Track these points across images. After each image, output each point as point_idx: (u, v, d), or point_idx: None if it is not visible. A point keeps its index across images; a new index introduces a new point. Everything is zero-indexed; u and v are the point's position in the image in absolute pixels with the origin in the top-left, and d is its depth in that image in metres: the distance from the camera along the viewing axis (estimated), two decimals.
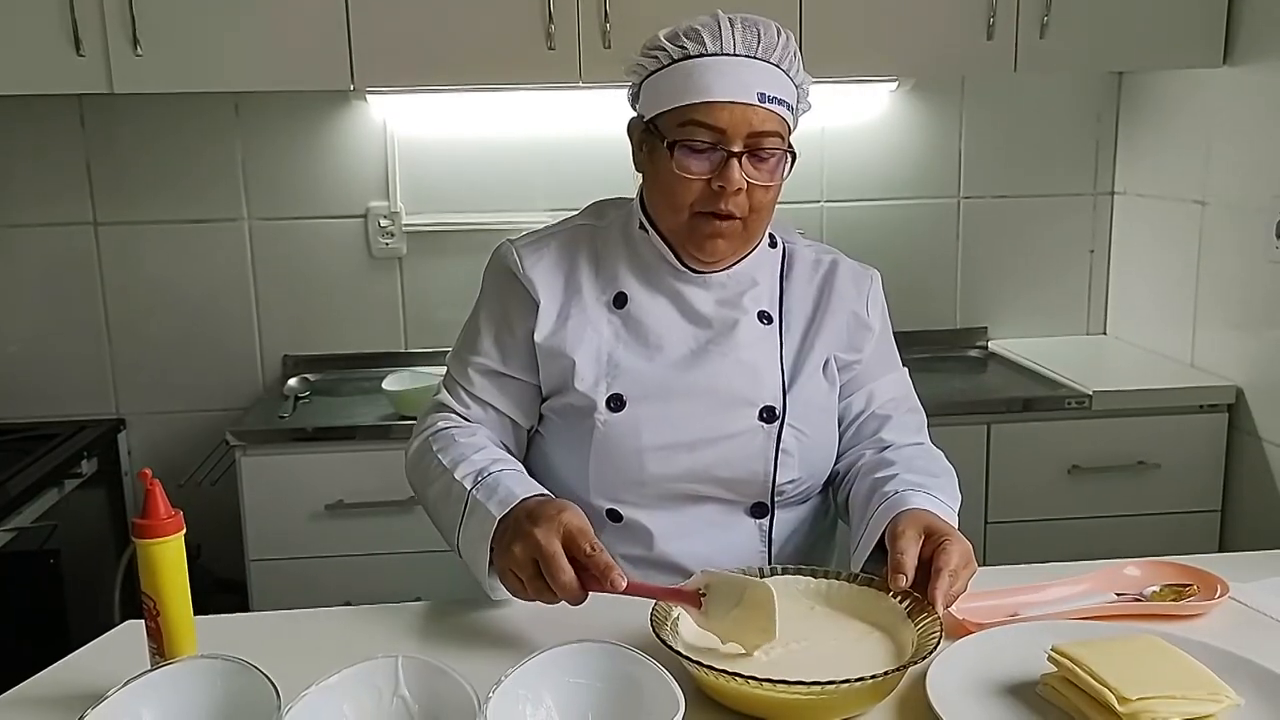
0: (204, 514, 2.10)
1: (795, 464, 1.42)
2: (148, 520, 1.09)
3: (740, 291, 1.44)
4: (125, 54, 2.24)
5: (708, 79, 1.32)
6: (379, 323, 2.82)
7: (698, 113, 1.32)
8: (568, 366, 1.41)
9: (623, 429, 1.39)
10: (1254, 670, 1.10)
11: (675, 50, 1.34)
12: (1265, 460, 2.41)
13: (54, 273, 2.70)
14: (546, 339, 1.42)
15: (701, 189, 1.34)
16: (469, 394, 1.47)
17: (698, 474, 1.41)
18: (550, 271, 1.45)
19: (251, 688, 1.00)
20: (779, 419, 1.41)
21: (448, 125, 2.75)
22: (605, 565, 1.17)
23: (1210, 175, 2.56)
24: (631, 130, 1.43)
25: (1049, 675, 1.09)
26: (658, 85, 1.36)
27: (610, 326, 1.43)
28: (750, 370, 1.41)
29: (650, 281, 1.44)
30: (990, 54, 2.45)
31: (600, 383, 1.40)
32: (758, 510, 1.43)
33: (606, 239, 1.48)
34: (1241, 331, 2.47)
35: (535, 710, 1.01)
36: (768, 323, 1.44)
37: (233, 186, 2.72)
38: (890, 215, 2.90)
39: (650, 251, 1.44)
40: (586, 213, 1.53)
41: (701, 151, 1.32)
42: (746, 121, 1.32)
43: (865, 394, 1.51)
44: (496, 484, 1.30)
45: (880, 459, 1.44)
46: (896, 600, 1.20)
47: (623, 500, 1.42)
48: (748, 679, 1.02)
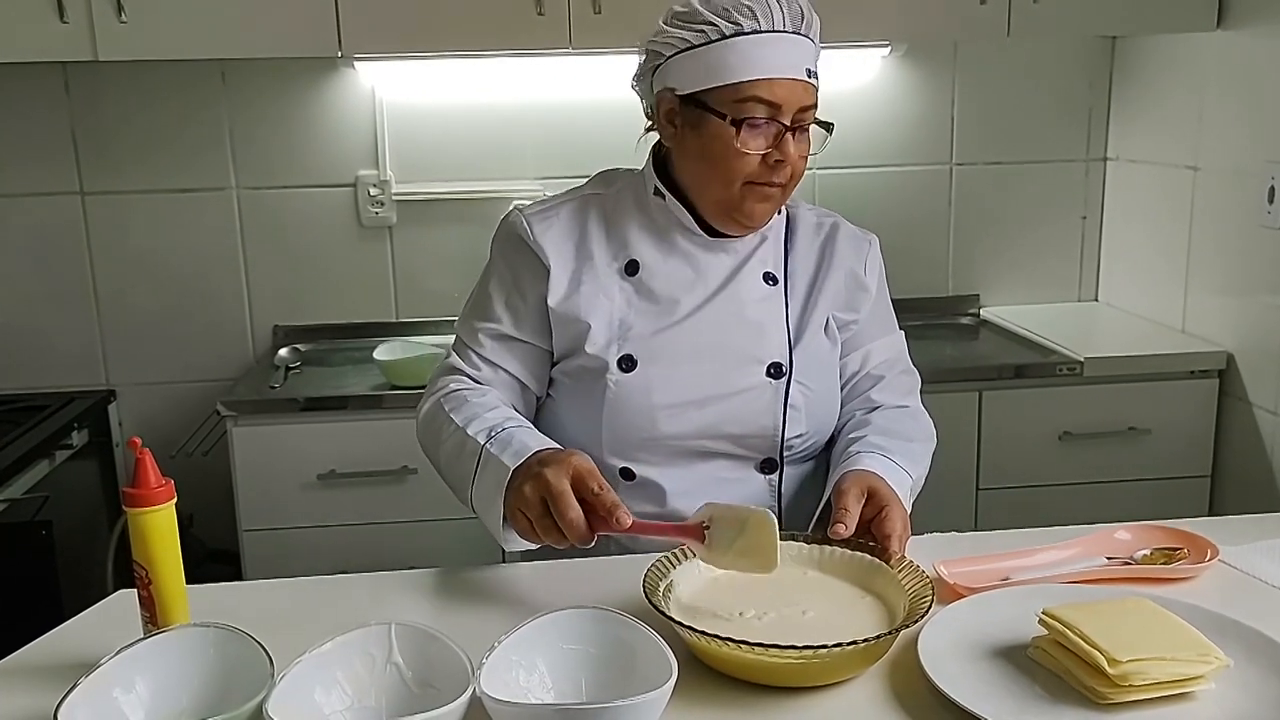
0: (196, 484, 2.10)
1: (803, 419, 1.46)
2: (138, 489, 1.09)
3: (748, 254, 1.48)
4: (110, 21, 2.22)
5: (767, 55, 1.36)
6: (369, 292, 2.81)
7: (758, 89, 1.36)
8: (582, 330, 1.44)
9: (634, 388, 1.42)
10: (1243, 632, 1.11)
11: (727, 26, 1.36)
12: (1255, 425, 2.42)
13: (41, 243, 2.68)
14: (560, 303, 1.45)
15: (757, 162, 1.38)
16: (480, 357, 1.48)
17: (709, 430, 1.44)
18: (561, 238, 1.47)
19: (244, 655, 1.01)
20: (786, 375, 1.44)
21: (437, 92, 2.72)
22: (611, 504, 1.19)
23: (1202, 141, 2.55)
24: (660, 103, 1.44)
25: (1039, 638, 1.09)
26: (704, 60, 1.38)
27: (622, 293, 1.46)
28: (757, 328, 1.45)
29: (663, 246, 1.47)
30: (983, 19, 2.43)
31: (612, 345, 1.43)
32: (767, 466, 1.47)
33: (617, 205, 1.50)
34: (1233, 297, 2.48)
35: (529, 676, 1.02)
36: (773, 284, 1.48)
37: (220, 155, 2.70)
38: (882, 182, 2.89)
39: (665, 217, 1.48)
40: (594, 181, 1.56)
41: (760, 126, 1.37)
42: (798, 97, 1.38)
43: (861, 355, 1.55)
44: (510, 438, 1.32)
45: (861, 419, 1.50)
46: (887, 563, 1.21)
47: (635, 459, 1.44)
48: (740, 644, 1.03)
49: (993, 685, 1.05)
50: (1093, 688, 1.01)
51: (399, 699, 1.01)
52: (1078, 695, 1.03)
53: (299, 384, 2.47)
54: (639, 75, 1.48)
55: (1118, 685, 1.00)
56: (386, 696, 1.01)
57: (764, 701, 1.05)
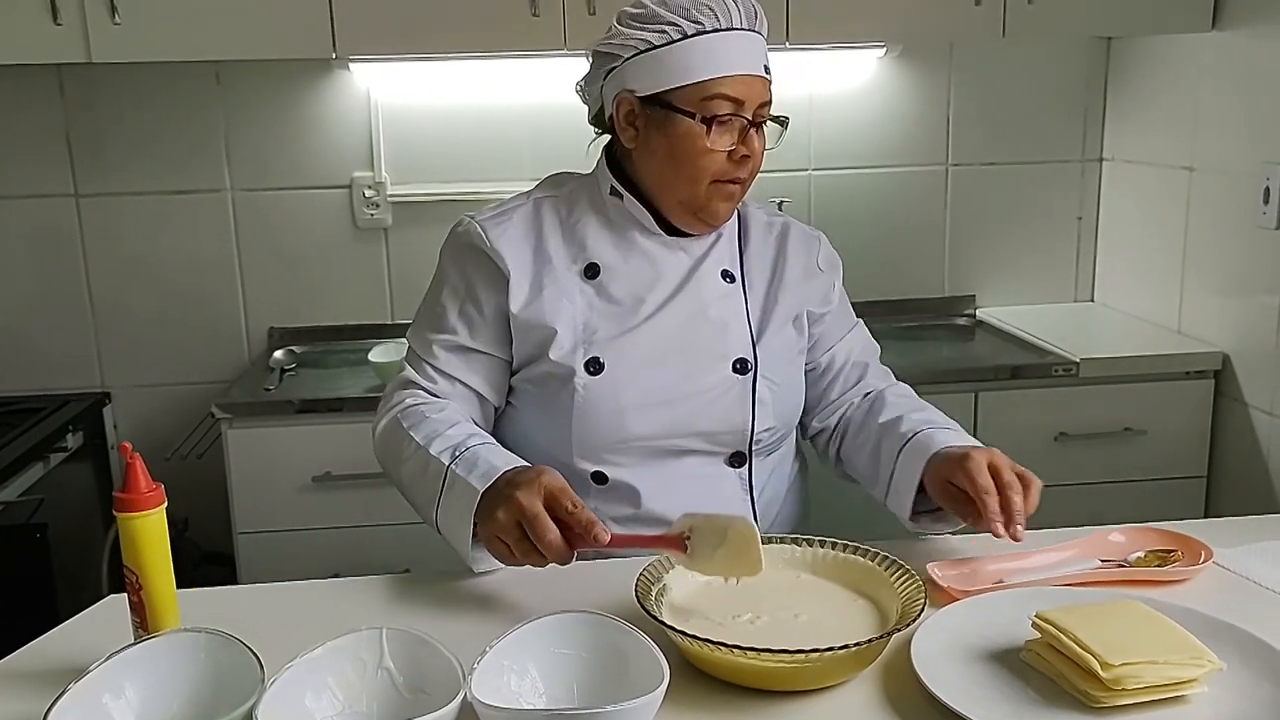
0: (190, 487, 2.10)
1: (770, 413, 1.47)
2: (128, 494, 1.08)
3: (704, 252, 1.50)
4: (103, 22, 2.21)
5: (728, 53, 1.38)
6: (365, 294, 2.80)
7: (723, 86, 1.37)
8: (548, 336, 1.43)
9: (602, 391, 1.41)
10: (1237, 635, 1.11)
11: (689, 25, 1.37)
12: (1251, 426, 2.42)
13: (35, 245, 2.68)
14: (523, 309, 1.44)
15: (723, 159, 1.40)
16: (435, 369, 1.47)
17: (679, 429, 1.44)
18: (517, 243, 1.46)
19: (235, 660, 1.00)
20: (752, 370, 1.45)
21: (432, 94, 2.72)
22: (588, 521, 1.18)
23: (1198, 141, 2.55)
24: (619, 104, 1.43)
25: (1033, 641, 1.09)
26: (667, 59, 1.38)
27: (583, 295, 1.45)
28: (720, 325, 1.46)
29: (622, 246, 1.48)
30: (978, 20, 2.43)
31: (578, 349, 1.42)
32: (736, 460, 1.48)
33: (571, 207, 1.51)
34: (1228, 298, 2.48)
35: (520, 681, 1.02)
36: (730, 281, 1.50)
37: (215, 157, 2.69)
38: (878, 183, 2.89)
39: (623, 217, 1.48)
40: (544, 185, 1.56)
41: (725, 123, 1.38)
42: (758, 92, 1.40)
43: (843, 346, 1.59)
44: (475, 458, 1.30)
45: (873, 404, 1.54)
46: (880, 566, 1.20)
47: (607, 461, 1.44)
48: (733, 648, 1.03)
49: (986, 688, 1.05)
50: (1086, 691, 1.01)
51: (390, 704, 1.01)
52: (1071, 699, 1.02)
53: (294, 386, 2.46)
54: (588, 80, 1.49)
55: (1111, 689, 1.00)
56: (378, 702, 1.01)
57: (757, 706, 1.05)
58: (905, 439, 1.42)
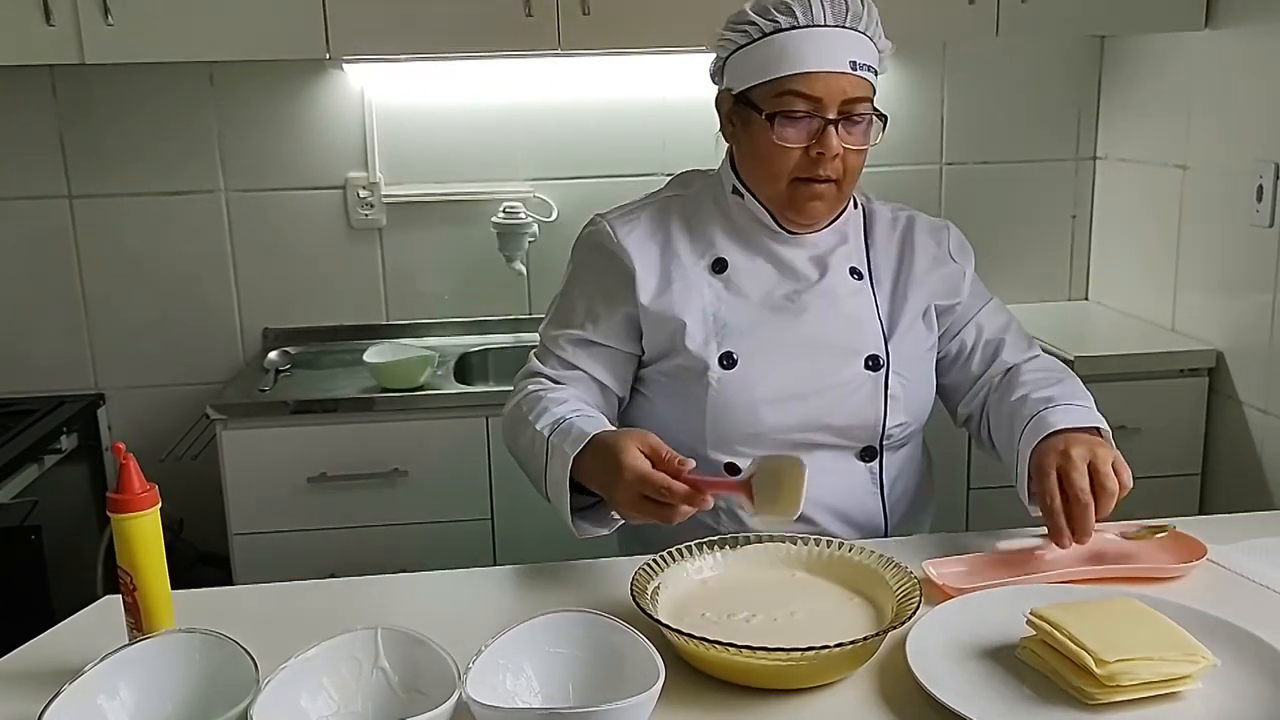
0: (186, 488, 2.10)
1: (902, 408, 1.49)
2: (122, 495, 1.08)
3: (830, 249, 1.52)
4: (96, 23, 2.21)
5: (803, 50, 1.38)
6: (359, 295, 2.80)
7: (794, 83, 1.38)
8: (678, 328, 1.46)
9: (737, 385, 1.44)
10: (1231, 631, 1.11)
11: (766, 24, 1.40)
12: (1245, 424, 2.42)
13: (29, 247, 2.67)
14: (652, 301, 1.47)
15: (800, 156, 1.41)
16: (560, 360, 1.51)
17: (810, 423, 1.46)
18: (644, 240, 1.50)
19: (229, 661, 1.00)
20: (884, 367, 1.47)
21: (427, 94, 2.72)
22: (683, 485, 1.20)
23: (1191, 139, 2.56)
24: (720, 104, 1.49)
25: (1027, 639, 1.09)
26: (748, 59, 1.42)
27: (711, 289, 1.48)
28: (851, 322, 1.48)
29: (746, 244, 1.50)
30: (972, 18, 2.43)
31: (710, 342, 1.45)
32: (867, 454, 1.50)
33: (697, 206, 1.54)
34: (1222, 296, 2.48)
35: (515, 680, 1.02)
36: (858, 278, 1.52)
37: (209, 158, 2.69)
38: (871, 182, 2.83)
39: (745, 216, 1.51)
40: (673, 184, 1.60)
41: (799, 120, 1.40)
42: (840, 89, 1.40)
43: (974, 327, 1.59)
44: (570, 428, 1.34)
45: (1007, 382, 1.53)
46: (875, 564, 1.21)
47: (740, 453, 1.46)
48: (728, 646, 1.03)
49: (981, 686, 1.05)
50: (1080, 688, 1.01)
51: (385, 704, 1.01)
52: (1066, 696, 1.03)
53: (289, 387, 2.46)
54: (711, 77, 1.53)
55: (1105, 686, 1.00)
56: (373, 702, 1.01)
57: (752, 703, 1.05)
58: (1025, 422, 1.41)
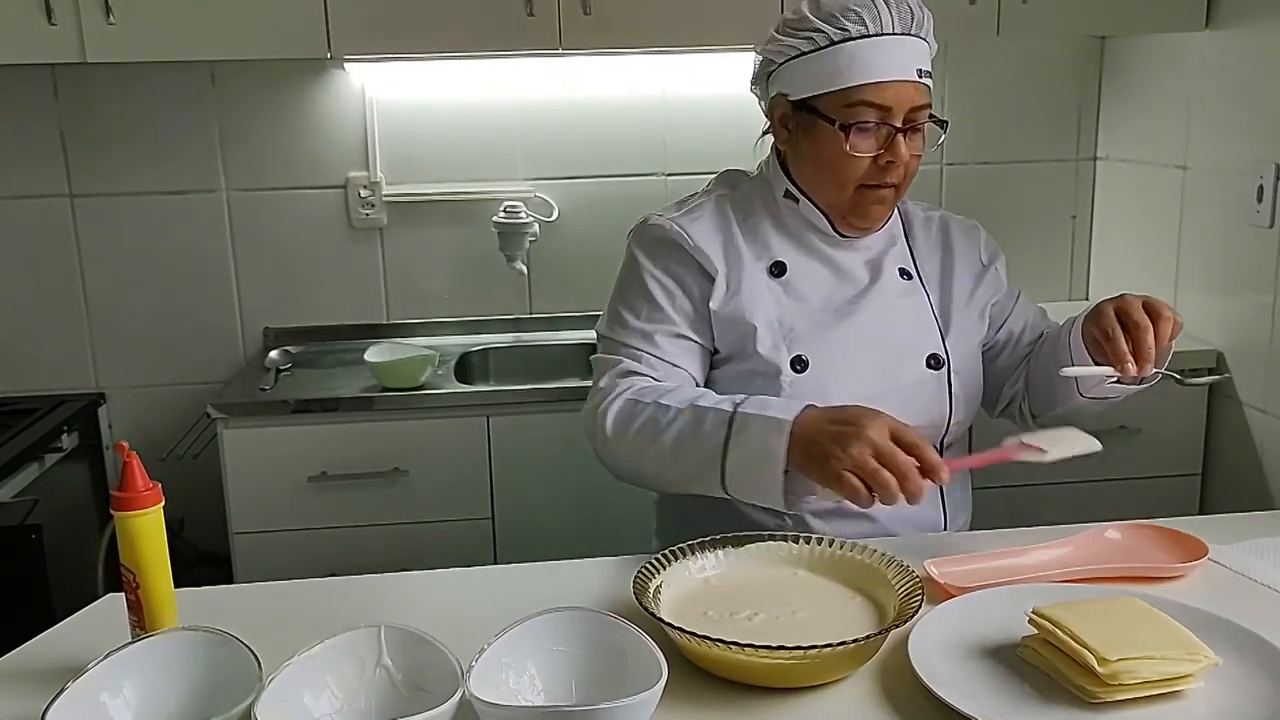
0: (186, 487, 2.09)
1: (962, 405, 1.51)
2: (126, 493, 1.08)
3: (882, 252, 1.53)
4: (98, 22, 2.21)
5: (875, 59, 1.38)
6: (360, 294, 2.80)
7: (867, 93, 1.38)
8: (748, 332, 1.45)
9: (809, 388, 1.43)
10: (1232, 630, 1.12)
11: (835, 32, 1.39)
12: (1245, 424, 2.42)
13: (30, 245, 2.67)
14: (723, 306, 1.47)
15: (869, 164, 1.41)
16: (658, 358, 1.47)
17: None
18: (710, 240, 1.49)
19: (233, 659, 1.00)
20: (945, 365, 1.49)
21: (428, 93, 2.72)
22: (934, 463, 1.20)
23: (1192, 140, 2.56)
24: (773, 107, 1.48)
25: (1029, 638, 1.10)
26: (813, 66, 1.41)
27: (771, 293, 1.48)
28: (910, 322, 1.50)
29: (801, 247, 1.51)
30: (972, 19, 2.43)
31: (780, 347, 1.45)
32: None
33: (748, 208, 1.53)
34: (1223, 296, 2.48)
35: (518, 678, 1.02)
36: (908, 279, 1.52)
37: (210, 157, 2.69)
38: None
39: (798, 220, 1.51)
40: (720, 183, 1.59)
41: (869, 130, 1.39)
42: (909, 98, 1.41)
43: (1019, 314, 1.63)
44: (763, 403, 1.30)
45: (1044, 340, 1.58)
46: (877, 563, 1.21)
47: None
48: (730, 644, 1.03)
49: (983, 685, 1.05)
50: (1082, 687, 1.01)
51: (388, 702, 1.01)
52: (1068, 694, 1.03)
53: (289, 386, 2.46)
54: (754, 79, 1.52)
55: (1107, 684, 1.00)
56: (376, 699, 1.01)
57: (754, 702, 1.05)
58: (1069, 325, 1.46)
